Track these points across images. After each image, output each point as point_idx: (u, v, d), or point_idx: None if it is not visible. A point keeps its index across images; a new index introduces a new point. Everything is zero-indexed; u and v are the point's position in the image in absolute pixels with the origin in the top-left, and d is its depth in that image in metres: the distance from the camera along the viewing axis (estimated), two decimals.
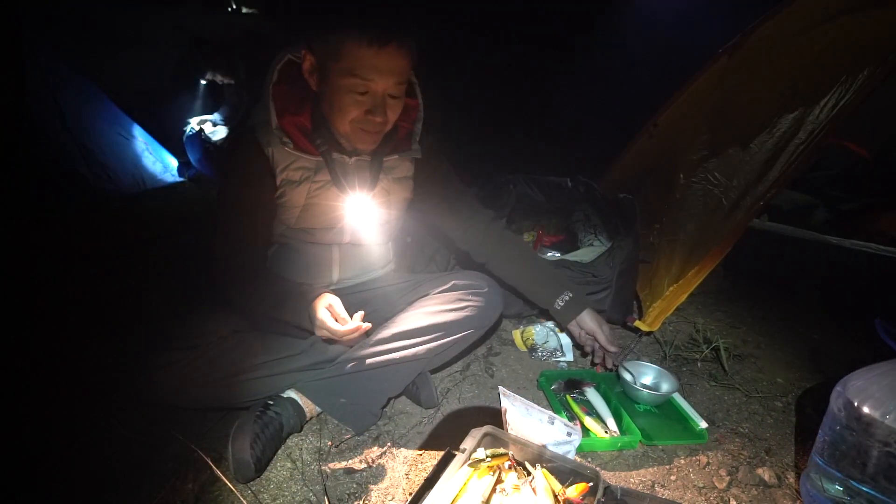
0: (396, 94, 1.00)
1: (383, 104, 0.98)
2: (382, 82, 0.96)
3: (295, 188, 1.08)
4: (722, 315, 1.81)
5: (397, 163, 1.17)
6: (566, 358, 1.48)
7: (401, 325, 1.13)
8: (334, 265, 1.25)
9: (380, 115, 0.98)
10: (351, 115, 0.98)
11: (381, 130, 1.04)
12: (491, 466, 0.84)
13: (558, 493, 0.81)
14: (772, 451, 1.13)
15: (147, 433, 1.07)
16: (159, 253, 2.03)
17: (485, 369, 1.40)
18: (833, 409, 0.89)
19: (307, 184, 1.09)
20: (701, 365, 1.48)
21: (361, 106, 0.97)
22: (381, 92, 0.97)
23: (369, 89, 0.96)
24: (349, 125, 1.00)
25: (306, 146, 1.05)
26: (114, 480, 0.96)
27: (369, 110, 0.97)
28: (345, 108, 0.97)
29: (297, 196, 1.10)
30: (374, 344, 1.12)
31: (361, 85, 0.95)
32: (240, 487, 0.95)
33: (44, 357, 1.30)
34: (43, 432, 1.07)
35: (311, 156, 1.07)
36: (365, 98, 0.96)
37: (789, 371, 1.47)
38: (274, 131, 1.02)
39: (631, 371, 1.31)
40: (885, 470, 0.82)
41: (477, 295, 1.19)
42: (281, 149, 1.04)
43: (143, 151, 2.97)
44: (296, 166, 1.07)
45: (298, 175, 1.08)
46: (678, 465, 1.08)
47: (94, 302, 1.59)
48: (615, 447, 1.11)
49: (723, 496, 1.00)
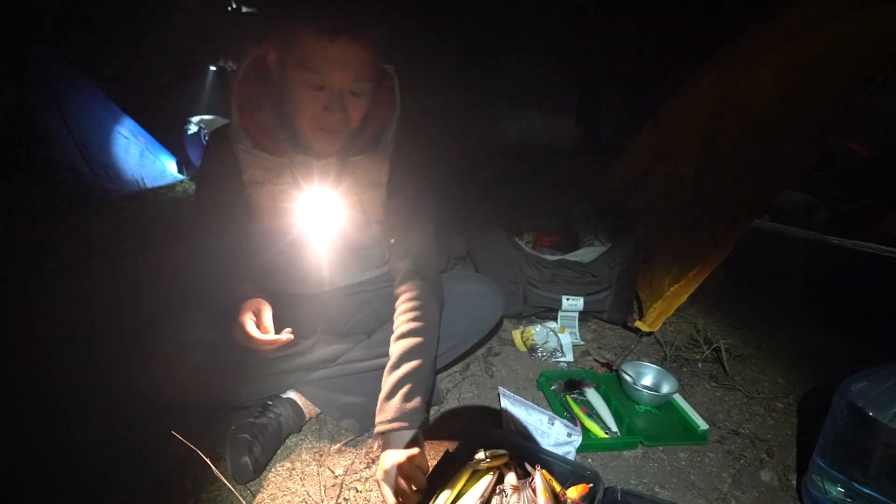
0: (358, 91, 0.92)
1: (341, 100, 0.91)
2: (338, 76, 0.89)
3: (259, 188, 1.04)
4: (722, 315, 1.80)
5: (369, 164, 1.07)
6: (566, 358, 1.48)
7: None
8: (322, 270, 1.18)
9: (337, 111, 0.91)
10: (308, 111, 0.92)
11: (341, 130, 0.96)
12: (490, 467, 0.84)
13: (558, 494, 0.81)
14: (773, 453, 1.12)
15: (146, 433, 1.07)
16: (157, 252, 2.03)
17: (485, 369, 1.39)
18: (835, 411, 0.89)
19: (271, 185, 1.04)
20: (702, 366, 1.47)
21: (318, 102, 0.91)
22: (338, 87, 0.90)
23: (325, 84, 0.89)
24: (308, 124, 0.94)
25: (266, 145, 1.01)
26: (112, 480, 0.96)
27: (326, 107, 0.91)
28: (301, 103, 0.91)
29: (262, 197, 1.05)
30: (375, 345, 1.11)
31: (316, 78, 0.88)
32: (238, 488, 0.95)
33: (42, 356, 1.30)
34: (42, 432, 1.06)
35: (273, 156, 1.02)
36: (322, 94, 0.90)
37: (790, 372, 1.46)
38: (235, 129, 0.99)
39: (631, 372, 1.30)
40: (888, 472, 0.82)
41: (481, 298, 1.19)
42: (243, 148, 1.01)
43: (142, 150, 2.96)
44: (260, 166, 1.02)
45: (261, 175, 1.03)
46: (679, 466, 1.07)
47: (93, 301, 1.59)
48: (615, 448, 1.10)
49: (724, 498, 0.99)
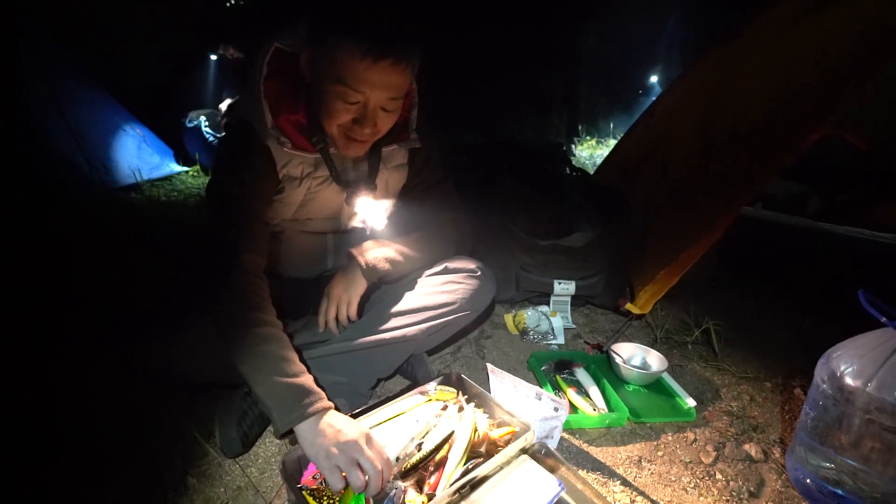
0: (390, 108, 0.95)
1: (374, 116, 0.93)
2: (375, 96, 0.90)
3: (295, 185, 1.05)
4: (713, 301, 1.81)
5: (394, 151, 1.14)
6: (557, 341, 1.49)
7: (391, 307, 1.13)
8: (329, 254, 1.24)
9: (368, 126, 0.93)
10: (338, 120, 0.93)
11: (369, 141, 1.00)
12: (438, 399, 0.99)
13: (484, 429, 0.91)
14: (759, 429, 1.13)
15: (135, 411, 1.08)
16: (153, 242, 2.05)
17: (476, 352, 1.40)
18: (817, 381, 0.90)
19: (308, 181, 1.06)
20: (691, 347, 1.48)
21: (349, 113, 0.92)
22: (372, 104, 0.91)
23: (360, 101, 0.90)
24: (336, 129, 0.96)
25: (304, 145, 1.01)
26: (102, 457, 0.97)
27: (357, 119, 0.93)
28: (333, 113, 0.93)
29: (296, 193, 1.07)
30: (365, 325, 1.12)
31: (352, 95, 0.89)
32: (227, 463, 0.96)
33: (37, 342, 1.32)
34: (33, 412, 1.08)
35: (310, 153, 1.03)
36: (354, 107, 0.91)
37: (780, 354, 1.47)
38: (270, 131, 0.96)
39: (620, 352, 1.31)
40: (868, 440, 0.83)
41: (470, 278, 1.19)
42: (279, 147, 0.99)
43: (140, 143, 2.98)
44: (295, 163, 1.03)
45: (299, 171, 1.04)
46: (665, 441, 1.08)
47: (90, 289, 1.60)
48: (603, 424, 1.11)
49: (709, 470, 1.00)
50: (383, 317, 1.11)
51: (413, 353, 1.18)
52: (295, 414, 0.77)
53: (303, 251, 1.21)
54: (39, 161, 2.49)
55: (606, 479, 0.96)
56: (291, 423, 0.77)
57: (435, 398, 1.01)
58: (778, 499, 0.94)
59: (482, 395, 1.02)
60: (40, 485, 0.89)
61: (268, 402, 0.79)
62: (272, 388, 0.79)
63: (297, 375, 0.81)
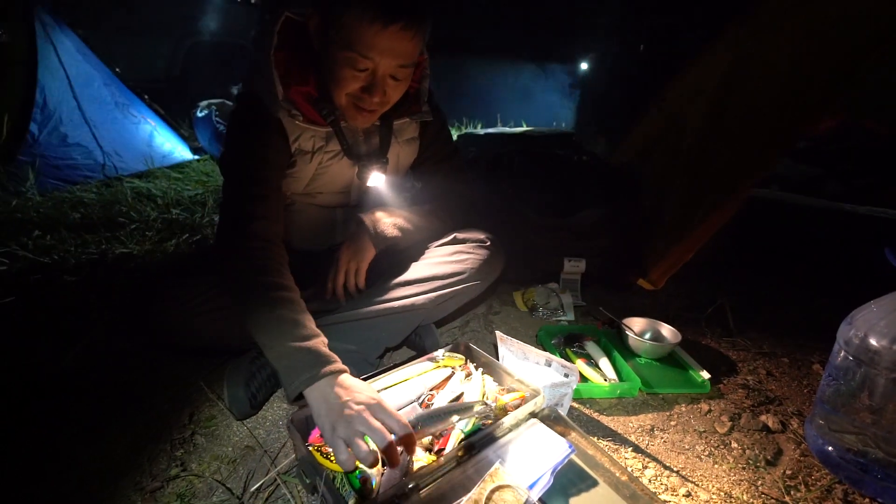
0: (400, 76, 0.92)
1: (382, 84, 0.91)
2: (384, 62, 0.88)
3: (307, 159, 1.04)
4: (728, 281, 1.77)
5: (406, 125, 1.12)
6: (567, 317, 1.46)
7: (400, 276, 1.12)
8: (338, 227, 1.24)
9: (377, 94, 0.91)
10: (347, 88, 0.92)
11: (378, 111, 0.98)
12: (446, 365, 1.00)
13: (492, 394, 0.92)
14: (776, 402, 1.10)
15: (146, 374, 1.09)
16: (163, 225, 2.06)
17: (484, 326, 1.39)
18: (839, 344, 0.87)
19: (319, 154, 1.04)
20: (705, 324, 1.45)
21: (358, 81, 0.90)
22: (381, 72, 0.89)
23: (369, 67, 0.88)
24: (345, 98, 0.94)
25: (315, 118, 0.99)
26: (113, 414, 0.98)
27: (365, 87, 0.91)
28: (341, 80, 0.91)
29: (308, 167, 1.06)
30: (374, 293, 1.11)
31: (360, 61, 0.87)
32: (236, 424, 0.96)
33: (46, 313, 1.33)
34: (46, 370, 1.09)
35: (321, 127, 1.01)
36: (363, 74, 0.89)
37: (796, 331, 1.43)
38: (281, 103, 0.94)
39: (632, 326, 1.29)
40: (893, 402, 0.80)
41: (480, 248, 1.18)
42: (290, 120, 0.98)
43: (152, 131, 3.01)
44: (306, 137, 1.02)
45: (310, 145, 1.03)
46: (678, 411, 1.06)
47: (102, 264, 1.62)
48: (614, 394, 1.09)
49: (724, 440, 0.97)
50: (393, 285, 1.10)
51: (421, 323, 1.17)
52: (304, 377, 0.74)
53: (312, 224, 1.21)
54: (55, 147, 2.53)
55: (618, 446, 0.94)
56: (301, 387, 0.74)
57: (443, 364, 1.00)
58: (797, 467, 0.91)
59: (491, 364, 1.01)
60: (50, 440, 0.90)
61: (277, 365, 0.77)
62: (282, 351, 0.77)
63: (308, 339, 0.78)
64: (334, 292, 1.10)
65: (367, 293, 1.12)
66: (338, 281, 1.09)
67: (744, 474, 0.88)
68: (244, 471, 0.84)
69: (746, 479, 0.87)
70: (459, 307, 1.22)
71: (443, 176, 1.24)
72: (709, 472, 0.89)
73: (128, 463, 0.85)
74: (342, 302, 1.12)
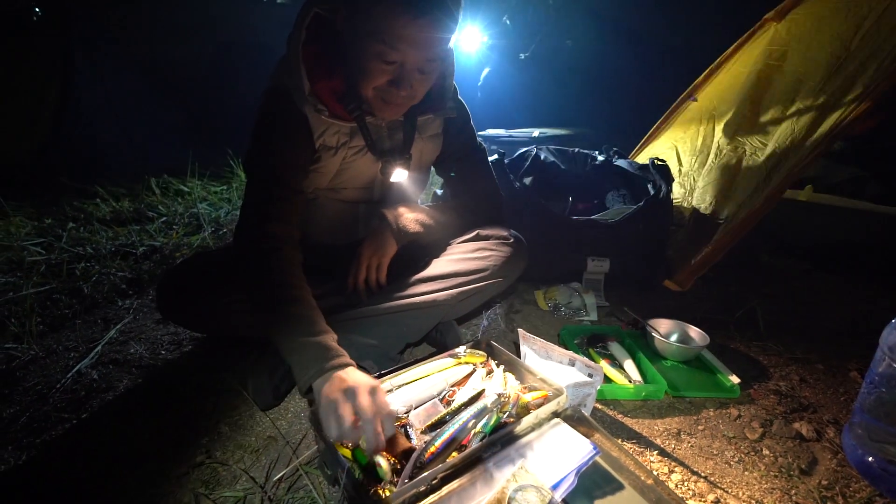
0: (427, 70, 0.91)
1: (410, 77, 0.90)
2: (413, 55, 0.87)
3: (331, 154, 1.04)
4: (759, 284, 1.71)
5: (429, 121, 1.11)
6: (590, 317, 1.44)
7: (422, 272, 1.12)
8: (360, 222, 1.24)
9: (405, 87, 0.91)
10: (375, 81, 0.91)
11: (405, 104, 0.97)
12: (468, 361, 0.99)
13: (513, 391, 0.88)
14: (811, 409, 1.06)
15: (175, 362, 1.12)
16: (190, 219, 2.11)
17: (505, 325, 1.37)
18: (884, 349, 0.83)
19: (343, 150, 1.04)
20: (734, 327, 1.40)
21: (385, 75, 0.89)
22: (409, 65, 0.88)
23: (397, 60, 0.87)
24: (372, 92, 0.93)
25: (341, 113, 0.99)
26: (140, 403, 1.00)
27: (393, 81, 0.90)
28: (370, 73, 0.90)
29: (332, 162, 1.06)
30: (395, 289, 1.11)
31: (389, 53, 0.86)
32: (259, 414, 0.97)
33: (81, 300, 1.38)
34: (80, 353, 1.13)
35: (346, 122, 1.01)
36: (391, 67, 0.88)
37: (833, 337, 1.37)
38: (308, 98, 0.94)
39: (658, 327, 1.26)
40: None
41: (503, 245, 1.17)
42: (316, 115, 0.98)
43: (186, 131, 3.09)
44: (331, 132, 1.02)
45: (335, 141, 1.03)
46: (706, 416, 1.03)
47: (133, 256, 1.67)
48: (639, 396, 1.06)
49: (755, 446, 0.94)
50: (414, 281, 1.10)
51: (443, 319, 1.17)
52: (313, 370, 0.77)
53: (335, 219, 1.21)
54: (88, 145, 2.63)
55: (643, 449, 0.92)
56: (310, 380, 0.77)
57: (465, 360, 1.00)
58: (833, 477, 0.87)
59: (512, 361, 1.00)
60: (78, 425, 0.93)
61: (289, 360, 0.80)
62: (294, 347, 0.80)
63: (317, 335, 0.81)
64: (356, 287, 1.11)
65: (389, 289, 1.12)
66: (359, 276, 1.10)
67: (776, 482, 0.85)
68: (266, 460, 0.85)
69: (779, 488, 0.84)
70: (481, 303, 1.21)
71: (466, 172, 1.23)
72: (739, 478, 0.86)
73: (154, 448, 0.87)
74: (364, 297, 1.12)
